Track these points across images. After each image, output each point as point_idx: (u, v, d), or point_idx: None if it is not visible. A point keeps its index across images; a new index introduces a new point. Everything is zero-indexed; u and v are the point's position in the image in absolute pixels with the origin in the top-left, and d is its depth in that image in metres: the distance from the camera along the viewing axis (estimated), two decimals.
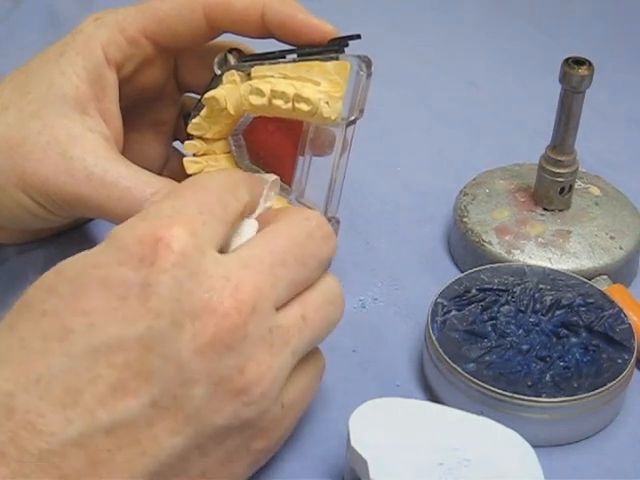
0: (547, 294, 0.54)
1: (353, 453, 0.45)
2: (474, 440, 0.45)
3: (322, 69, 0.53)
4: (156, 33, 0.55)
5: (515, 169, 0.64)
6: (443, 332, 0.52)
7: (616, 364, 0.50)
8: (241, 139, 0.56)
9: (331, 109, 0.52)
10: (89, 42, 0.54)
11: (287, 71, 0.53)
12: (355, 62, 0.53)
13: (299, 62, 0.53)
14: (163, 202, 0.43)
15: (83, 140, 0.52)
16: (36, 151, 0.51)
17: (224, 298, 0.41)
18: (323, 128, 0.55)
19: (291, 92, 0.52)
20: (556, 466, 0.48)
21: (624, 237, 0.59)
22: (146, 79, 0.57)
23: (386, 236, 0.63)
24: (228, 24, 0.55)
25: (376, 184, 0.67)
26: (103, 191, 0.51)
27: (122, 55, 0.54)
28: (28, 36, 0.79)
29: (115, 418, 0.39)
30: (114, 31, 0.54)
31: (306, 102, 0.52)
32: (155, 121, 0.60)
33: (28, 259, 0.59)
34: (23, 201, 0.52)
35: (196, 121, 0.55)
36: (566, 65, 0.56)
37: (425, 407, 0.48)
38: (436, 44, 0.83)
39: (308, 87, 0.53)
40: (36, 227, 0.56)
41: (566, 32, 0.85)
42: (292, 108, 0.52)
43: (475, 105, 0.76)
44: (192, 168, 0.55)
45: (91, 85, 0.53)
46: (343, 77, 0.53)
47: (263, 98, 0.53)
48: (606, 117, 0.74)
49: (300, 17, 0.54)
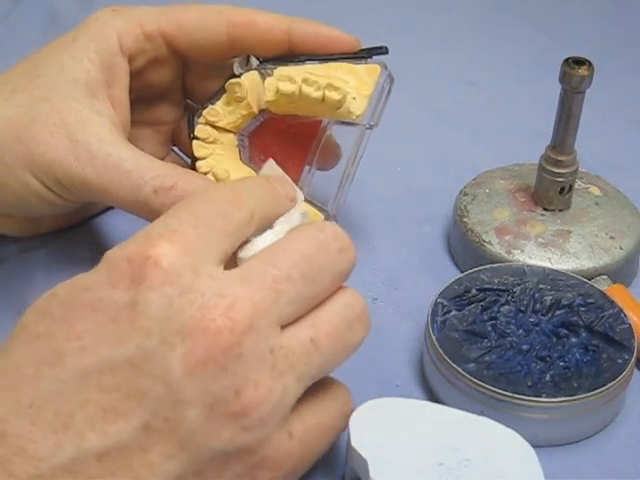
0: (547, 294, 0.54)
1: (353, 453, 0.45)
2: (474, 440, 0.45)
3: (351, 69, 0.54)
4: (175, 37, 0.55)
5: (515, 169, 0.64)
6: (443, 332, 0.52)
7: (616, 364, 0.50)
8: (246, 141, 0.57)
9: (357, 105, 0.54)
10: (104, 29, 0.54)
11: (314, 70, 0.54)
12: (385, 72, 0.54)
13: (327, 63, 0.54)
14: (157, 221, 0.42)
15: (90, 123, 0.52)
16: (43, 133, 0.51)
17: (216, 316, 0.39)
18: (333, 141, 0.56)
19: (323, 80, 0.53)
20: (556, 466, 0.48)
21: (624, 237, 0.59)
22: (154, 77, 0.58)
23: (386, 236, 0.63)
24: (251, 43, 0.55)
25: (376, 184, 0.67)
26: (105, 174, 0.51)
27: (136, 47, 0.55)
28: (28, 36, 0.79)
29: (106, 442, 0.38)
30: (132, 23, 0.55)
31: (337, 91, 0.52)
32: (155, 120, 0.60)
33: (29, 258, 0.59)
34: (30, 183, 0.52)
35: (214, 107, 0.55)
36: (566, 65, 0.56)
37: (425, 407, 0.48)
38: (436, 44, 0.83)
39: (338, 81, 0.53)
40: (42, 213, 0.56)
41: (566, 32, 0.85)
42: (322, 97, 0.53)
43: (475, 105, 0.76)
44: (200, 152, 0.56)
45: (103, 71, 0.54)
46: (372, 79, 0.54)
47: (294, 85, 0.53)
48: (606, 117, 0.74)
49: (325, 31, 0.55)
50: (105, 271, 0.40)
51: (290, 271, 0.42)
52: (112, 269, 0.40)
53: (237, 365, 0.39)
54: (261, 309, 0.40)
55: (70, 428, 0.38)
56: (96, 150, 0.51)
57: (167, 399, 0.38)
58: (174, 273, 0.39)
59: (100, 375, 0.38)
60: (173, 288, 0.39)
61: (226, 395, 0.39)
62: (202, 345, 0.39)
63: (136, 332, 0.39)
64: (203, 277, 0.40)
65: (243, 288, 0.40)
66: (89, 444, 0.38)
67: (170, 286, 0.39)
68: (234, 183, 0.46)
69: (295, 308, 0.42)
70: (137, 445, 0.38)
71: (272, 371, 0.40)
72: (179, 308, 0.39)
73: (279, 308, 0.41)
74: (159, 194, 0.51)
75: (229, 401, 0.39)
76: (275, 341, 0.41)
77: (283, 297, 0.41)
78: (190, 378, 0.39)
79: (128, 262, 0.40)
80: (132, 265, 0.40)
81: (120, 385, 0.38)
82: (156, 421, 0.38)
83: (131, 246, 0.41)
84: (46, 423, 0.38)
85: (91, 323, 0.39)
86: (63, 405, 0.38)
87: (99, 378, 0.38)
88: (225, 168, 0.55)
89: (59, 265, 0.59)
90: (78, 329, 0.39)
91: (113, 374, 0.38)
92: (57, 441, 0.38)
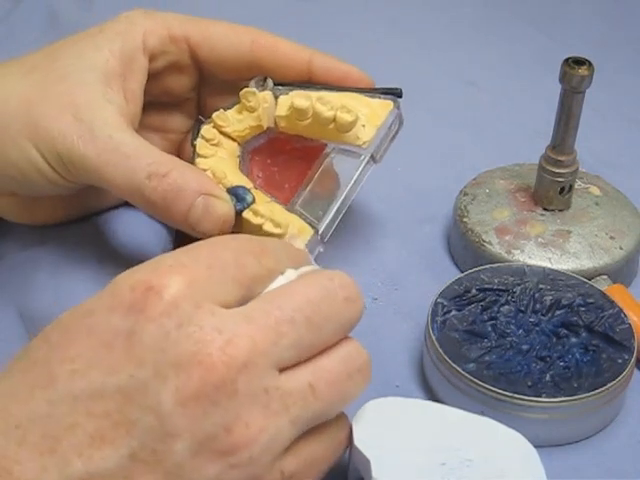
0: (547, 294, 0.54)
1: (356, 452, 0.45)
2: (477, 440, 0.45)
3: (365, 102, 0.56)
4: (199, 46, 0.57)
5: (515, 169, 0.64)
6: (443, 332, 0.52)
7: (616, 364, 0.50)
8: (247, 156, 0.57)
9: (366, 132, 0.55)
10: (132, 26, 0.55)
11: (329, 96, 0.55)
12: (396, 111, 0.56)
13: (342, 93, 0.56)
14: (173, 252, 0.42)
15: (98, 107, 0.53)
16: (52, 109, 0.52)
17: (213, 350, 0.38)
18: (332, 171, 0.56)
19: (337, 102, 0.54)
20: (556, 466, 0.48)
21: (624, 237, 0.59)
22: (172, 83, 0.59)
23: (386, 236, 0.63)
24: (271, 66, 0.57)
25: (376, 184, 0.67)
26: (104, 155, 0.51)
27: (160, 48, 0.56)
28: (28, 36, 0.79)
29: (91, 469, 0.38)
30: (160, 25, 0.56)
31: (349, 113, 0.54)
32: (165, 127, 0.61)
33: (29, 255, 0.59)
34: (31, 155, 0.52)
35: (224, 112, 0.57)
36: (566, 65, 0.56)
37: (428, 407, 0.48)
38: (436, 44, 0.83)
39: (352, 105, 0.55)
40: (41, 191, 0.56)
41: (566, 32, 0.85)
42: (333, 117, 0.54)
43: (475, 105, 0.76)
44: (203, 150, 0.56)
45: (122, 63, 0.55)
46: (384, 113, 0.55)
47: (308, 102, 0.54)
48: (606, 117, 0.74)
49: (344, 67, 0.57)
50: (108, 295, 0.40)
51: (294, 314, 0.41)
52: (115, 294, 0.40)
53: (229, 402, 0.39)
54: (260, 348, 0.39)
55: (56, 452, 0.38)
56: (98, 131, 0.52)
57: (156, 430, 0.38)
58: (174, 305, 0.39)
59: (90, 400, 0.38)
60: (171, 320, 0.39)
61: (216, 431, 0.38)
62: (195, 379, 0.38)
63: (130, 361, 0.38)
64: (204, 312, 0.39)
65: (244, 326, 0.40)
66: (74, 469, 0.38)
67: (168, 318, 0.39)
68: (264, 239, 0.45)
69: (295, 352, 0.41)
70: (122, 474, 0.38)
71: (265, 411, 0.39)
72: (175, 340, 0.39)
73: (279, 350, 0.40)
74: (152, 179, 0.51)
75: (219, 437, 0.38)
76: (271, 382, 0.40)
77: (284, 340, 0.40)
78: (181, 411, 0.38)
79: (131, 289, 0.40)
80: (134, 293, 0.39)
81: (110, 413, 0.38)
82: (143, 452, 0.38)
83: (138, 273, 0.40)
84: (32, 445, 0.38)
85: (85, 347, 0.39)
86: (51, 428, 0.38)
87: (89, 403, 0.38)
88: (223, 169, 0.55)
89: (60, 263, 0.58)
90: (72, 352, 0.39)
91: (103, 401, 0.38)
92: (42, 464, 0.38)
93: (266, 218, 0.53)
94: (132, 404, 0.38)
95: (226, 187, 0.53)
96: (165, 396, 0.38)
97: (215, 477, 0.39)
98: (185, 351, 0.38)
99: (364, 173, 0.55)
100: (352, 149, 0.55)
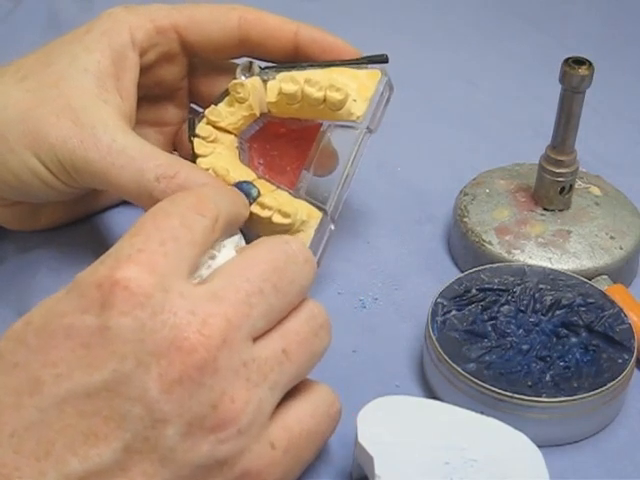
0: (547, 294, 0.54)
1: (360, 449, 0.45)
2: (481, 440, 0.45)
3: (353, 74, 0.56)
4: (187, 30, 0.57)
5: (515, 169, 0.64)
6: (443, 332, 0.52)
7: (616, 364, 0.50)
8: (245, 145, 0.57)
9: (358, 106, 0.55)
10: (117, 23, 0.55)
11: (317, 76, 0.55)
12: (384, 79, 0.56)
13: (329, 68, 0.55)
14: (124, 240, 0.42)
15: (96, 110, 0.53)
16: (49, 115, 0.52)
17: (190, 333, 0.39)
18: (331, 148, 0.56)
19: (326, 81, 0.54)
20: (556, 466, 0.48)
21: (624, 237, 0.59)
22: (163, 74, 0.59)
23: (386, 236, 0.63)
24: (260, 39, 0.57)
25: (376, 184, 0.67)
26: (109, 158, 0.52)
27: (148, 41, 0.56)
28: (28, 36, 0.79)
29: (88, 466, 0.38)
30: (145, 19, 0.56)
31: (339, 91, 0.54)
32: (159, 120, 0.61)
33: (29, 257, 0.59)
34: (30, 163, 0.52)
35: (216, 107, 0.56)
36: (566, 65, 0.56)
37: (433, 406, 0.48)
38: (436, 44, 0.83)
39: (340, 82, 0.54)
40: (41, 198, 0.56)
41: (566, 32, 0.85)
42: (323, 97, 0.54)
43: (475, 105, 0.76)
44: (201, 149, 0.56)
45: (113, 63, 0.55)
46: (373, 83, 0.55)
47: (296, 85, 0.54)
48: (606, 117, 0.74)
49: (330, 39, 0.57)
50: (76, 296, 0.40)
51: (262, 285, 0.42)
52: (83, 294, 0.40)
53: (213, 380, 0.40)
54: (234, 324, 0.41)
55: (52, 454, 0.38)
56: (101, 134, 0.52)
57: (146, 419, 0.39)
58: (144, 295, 0.40)
59: (78, 401, 0.39)
60: (144, 311, 0.39)
61: (204, 410, 0.40)
62: (177, 363, 0.39)
63: (111, 357, 0.39)
64: (174, 296, 0.40)
65: (216, 304, 0.41)
66: (71, 468, 0.38)
67: (141, 309, 0.39)
68: (197, 190, 0.46)
69: (266, 321, 0.42)
70: (119, 466, 0.39)
71: (247, 383, 0.41)
72: (151, 329, 0.39)
73: (252, 321, 0.41)
74: (161, 181, 0.51)
75: (207, 416, 0.40)
76: (248, 354, 0.41)
77: (255, 311, 0.42)
78: (167, 397, 0.39)
79: (97, 287, 0.40)
80: (101, 290, 0.40)
81: (99, 409, 0.39)
82: (136, 442, 0.39)
83: (100, 270, 0.41)
84: (29, 451, 0.38)
85: (65, 350, 0.39)
86: (44, 433, 0.39)
87: (77, 404, 0.39)
88: (224, 166, 0.55)
89: (60, 264, 0.59)
90: (53, 357, 0.39)
91: (91, 399, 0.39)
92: (40, 468, 0.38)
93: (274, 210, 0.53)
94: (119, 398, 0.39)
95: (230, 184, 0.53)
96: (150, 384, 0.39)
97: (207, 454, 0.40)
98: (163, 338, 0.39)
99: (362, 146, 0.55)
100: (347, 124, 0.55)
